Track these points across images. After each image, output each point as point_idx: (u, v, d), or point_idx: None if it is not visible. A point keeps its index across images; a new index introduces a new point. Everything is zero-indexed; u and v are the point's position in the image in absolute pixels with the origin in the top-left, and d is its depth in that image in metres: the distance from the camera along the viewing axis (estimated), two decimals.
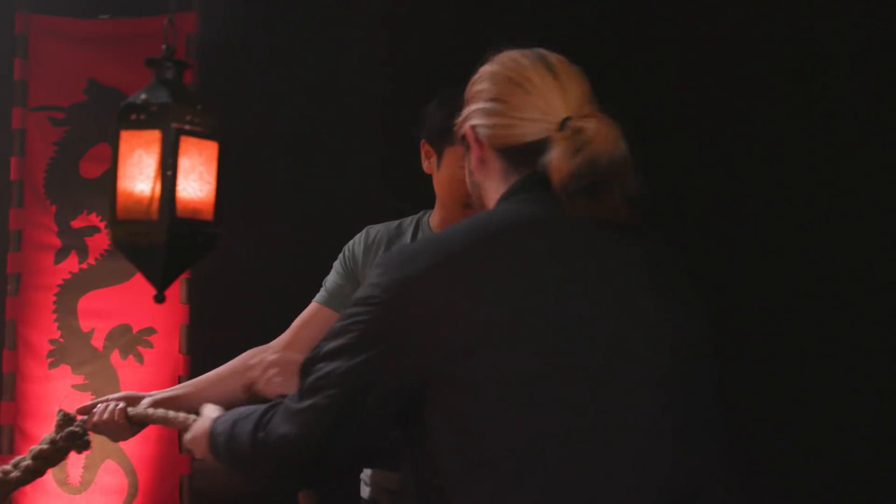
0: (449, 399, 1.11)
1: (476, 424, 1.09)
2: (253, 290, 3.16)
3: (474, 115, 1.27)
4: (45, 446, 1.70)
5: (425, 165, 1.95)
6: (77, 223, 2.97)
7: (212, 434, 1.37)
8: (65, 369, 2.93)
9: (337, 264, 2.05)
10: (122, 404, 1.77)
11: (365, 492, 1.99)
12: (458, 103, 1.58)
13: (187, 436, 1.52)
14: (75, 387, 2.92)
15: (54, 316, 2.96)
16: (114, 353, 2.96)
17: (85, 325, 2.95)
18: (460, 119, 1.32)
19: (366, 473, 1.99)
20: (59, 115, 2.98)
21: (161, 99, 1.87)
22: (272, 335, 3.01)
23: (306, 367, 1.21)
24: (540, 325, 1.11)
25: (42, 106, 2.98)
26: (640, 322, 1.15)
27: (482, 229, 1.18)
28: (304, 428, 1.17)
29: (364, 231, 2.04)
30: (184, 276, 2.97)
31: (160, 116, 1.83)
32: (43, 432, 2.82)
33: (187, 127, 1.82)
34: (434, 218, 1.97)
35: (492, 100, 1.25)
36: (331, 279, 2.03)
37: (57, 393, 2.91)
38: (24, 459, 1.70)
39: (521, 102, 1.23)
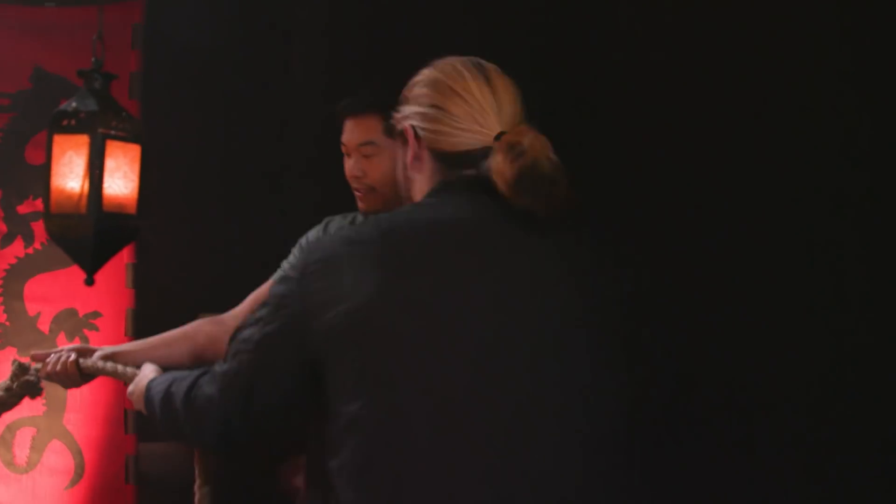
0: (337, 368, 1.24)
1: (362, 393, 1.21)
2: (196, 275, 3.23)
3: (414, 117, 1.38)
4: (0, 392, 1.78)
5: None
6: (23, 208, 3.00)
7: (148, 392, 1.51)
8: (10, 352, 2.95)
9: (296, 249, 2.15)
10: (73, 356, 1.85)
11: None
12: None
13: (129, 388, 1.66)
14: None
15: (0, 300, 2.98)
16: (60, 336, 2.99)
17: (31, 308, 2.99)
18: (399, 115, 1.42)
19: None
20: (4, 102, 3.00)
21: (89, 107, 2.04)
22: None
23: (235, 333, 1.36)
24: (425, 308, 1.23)
25: None
26: (529, 308, 1.26)
27: (387, 220, 1.32)
28: (225, 389, 1.32)
29: (324, 221, 2.17)
30: (129, 261, 3.02)
31: (88, 123, 1.99)
32: None
33: (112, 132, 1.98)
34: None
35: (433, 106, 1.36)
36: (290, 262, 2.14)
37: (3, 375, 2.93)
38: None
39: (460, 113, 1.34)
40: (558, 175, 1.27)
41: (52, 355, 1.84)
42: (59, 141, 2.02)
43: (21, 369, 1.84)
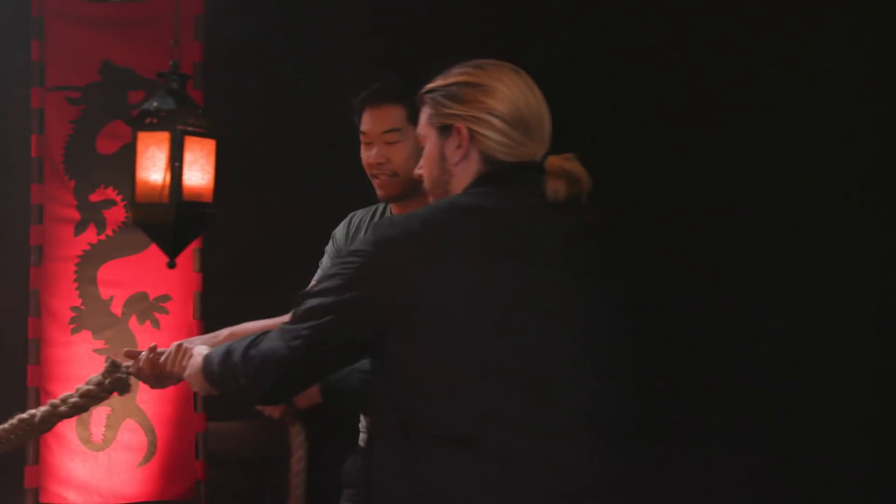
0: (412, 338, 1.37)
1: (433, 357, 1.36)
2: (260, 260, 3.32)
3: (472, 120, 1.48)
4: (91, 387, 1.88)
5: None
6: (95, 197, 3.11)
7: (206, 361, 1.61)
8: (86, 334, 3.09)
9: (328, 248, 2.28)
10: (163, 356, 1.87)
11: (361, 438, 2.17)
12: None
13: (185, 373, 1.73)
14: (96, 351, 3.08)
15: (75, 285, 3.10)
16: (132, 319, 3.11)
17: (104, 292, 3.11)
18: (448, 111, 1.50)
19: (364, 421, 2.16)
20: (75, 95, 3.11)
21: (169, 106, 2.24)
22: (278, 301, 3.17)
23: (300, 298, 1.47)
24: (481, 286, 1.37)
25: (59, 86, 3.10)
26: (576, 304, 1.43)
27: (456, 205, 1.45)
28: (292, 342, 1.43)
29: (348, 217, 2.28)
30: (196, 247, 3.12)
31: (168, 120, 2.19)
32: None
33: (190, 128, 2.18)
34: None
35: (503, 120, 1.47)
36: (325, 261, 2.26)
37: (79, 357, 3.08)
38: (71, 396, 1.90)
39: (526, 132, 1.49)
40: (589, 191, 1.48)
41: (144, 353, 1.88)
42: (143, 137, 2.25)
43: (113, 367, 1.89)
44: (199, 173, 2.24)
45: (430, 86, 1.56)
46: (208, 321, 3.13)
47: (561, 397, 1.38)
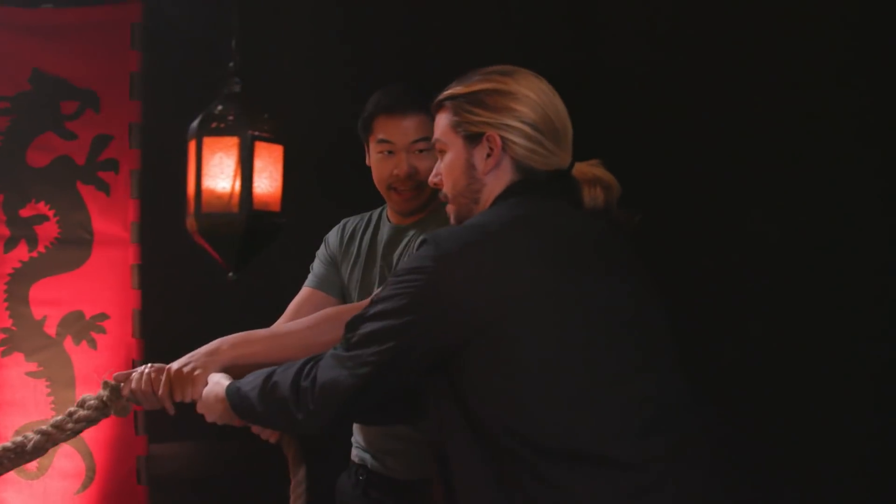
0: (487, 355, 1.32)
1: (514, 372, 1.31)
2: (202, 275, 3.21)
3: (505, 129, 1.47)
4: (89, 412, 1.77)
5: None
6: (25, 212, 2.97)
7: (235, 393, 1.54)
8: (18, 357, 2.94)
9: (319, 253, 2.18)
10: (156, 375, 1.77)
11: (354, 454, 2.11)
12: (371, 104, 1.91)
13: (199, 402, 1.67)
14: (29, 374, 2.94)
15: (5, 304, 2.96)
16: (67, 340, 2.98)
17: (37, 312, 2.97)
18: (478, 118, 1.48)
19: (356, 438, 2.09)
20: (3, 105, 2.96)
21: (236, 109, 2.13)
22: (221, 318, 3.07)
23: (354, 324, 1.42)
24: (555, 294, 1.35)
25: None
26: (629, 298, 1.44)
27: (508, 217, 1.43)
28: (356, 370, 1.38)
29: (341, 223, 2.19)
30: (135, 263, 3.01)
31: (237, 125, 2.09)
32: None
33: (259, 133, 2.08)
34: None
35: (527, 124, 1.47)
36: (317, 266, 2.16)
37: (10, 381, 2.93)
38: (66, 422, 1.78)
39: (556, 140, 1.49)
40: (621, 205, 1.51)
41: (135, 374, 1.77)
42: (209, 143, 2.14)
43: (114, 392, 1.77)
44: (267, 181, 2.16)
45: (449, 92, 1.53)
46: (148, 340, 3.03)
47: (646, 399, 1.36)
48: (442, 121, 1.54)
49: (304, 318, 1.90)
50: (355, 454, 2.11)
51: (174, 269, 3.17)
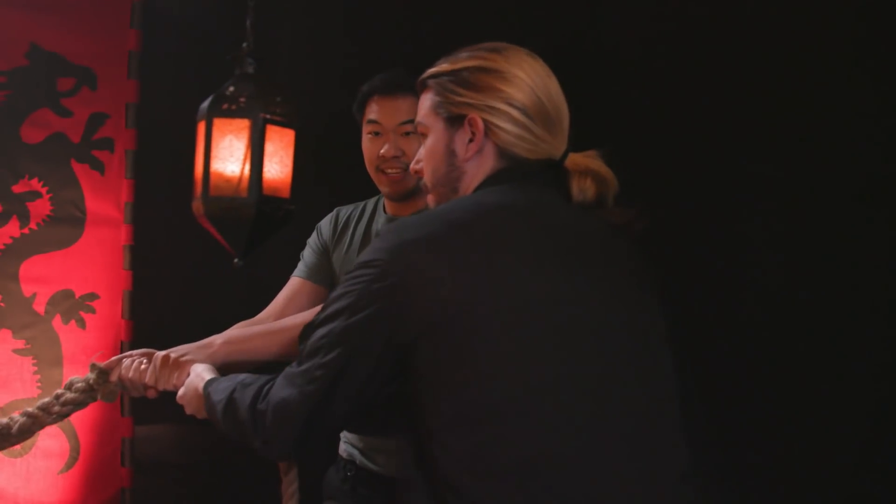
0: (442, 355, 1.17)
1: (468, 379, 1.16)
2: (194, 258, 3.20)
3: (495, 114, 1.32)
4: (76, 394, 1.72)
5: None
6: (18, 188, 2.93)
7: (207, 397, 1.43)
8: (5, 333, 2.91)
9: (311, 241, 2.15)
10: (146, 362, 1.73)
11: (342, 449, 2.09)
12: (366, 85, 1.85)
13: (179, 392, 1.59)
14: (16, 351, 2.91)
15: None
16: (55, 318, 2.95)
17: (27, 289, 2.94)
18: (459, 99, 1.34)
19: (345, 433, 2.07)
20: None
21: (249, 91, 2.09)
22: (212, 301, 3.06)
23: (305, 333, 1.28)
24: (529, 291, 1.19)
25: None
26: (611, 298, 1.27)
27: (477, 206, 1.27)
28: (305, 387, 1.23)
29: (335, 211, 2.16)
30: (126, 243, 2.99)
31: (249, 107, 2.04)
32: None
33: (271, 116, 2.03)
34: None
35: (522, 111, 1.32)
36: (307, 255, 2.13)
37: None
38: (53, 405, 1.74)
39: (547, 126, 1.34)
40: (615, 191, 1.36)
41: (125, 360, 1.73)
42: (219, 125, 2.08)
43: (102, 375, 1.72)
44: (278, 166, 2.11)
45: (434, 70, 1.38)
46: (137, 321, 3.01)
47: (619, 419, 1.19)
48: (424, 101, 1.39)
49: (300, 314, 1.85)
50: (343, 449, 2.09)
51: (166, 251, 3.16)
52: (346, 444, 2.08)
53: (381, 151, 1.99)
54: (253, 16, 2.23)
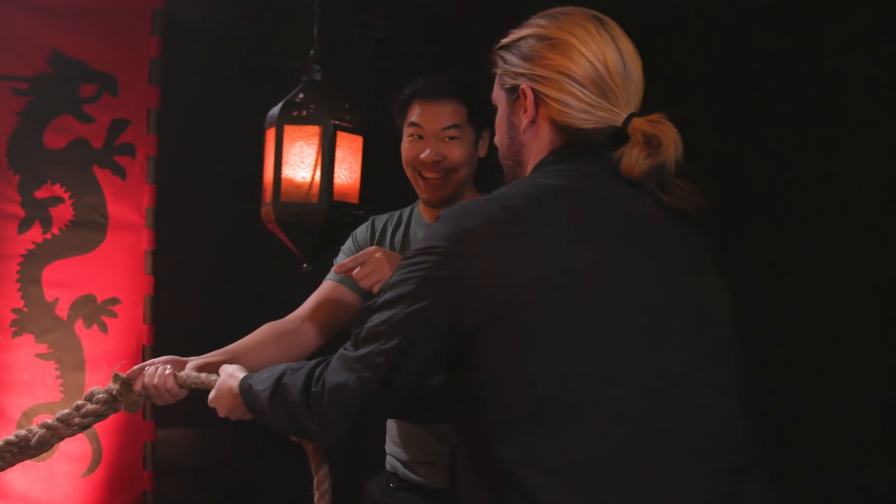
0: (505, 345, 1.15)
1: (532, 370, 1.14)
2: (214, 262, 3.21)
3: (538, 80, 1.29)
4: (98, 406, 1.69)
5: None
6: (41, 193, 2.96)
7: (247, 390, 1.42)
8: (28, 338, 2.94)
9: (345, 248, 2.15)
10: (169, 368, 1.71)
11: (386, 461, 2.09)
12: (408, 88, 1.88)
13: (210, 394, 1.57)
14: (39, 356, 2.93)
15: (17, 286, 2.95)
16: (77, 323, 2.97)
17: (49, 294, 2.96)
18: (511, 69, 1.33)
19: (391, 445, 2.07)
20: (21, 86, 2.95)
21: (318, 98, 2.12)
22: (233, 306, 3.06)
23: (362, 317, 1.26)
24: (592, 279, 1.17)
25: (4, 76, 2.94)
26: (675, 285, 1.23)
27: (537, 189, 1.24)
28: (363, 373, 1.22)
29: (370, 220, 2.17)
30: (148, 248, 3.00)
31: (319, 114, 2.07)
32: (5, 401, 2.87)
33: (340, 122, 2.06)
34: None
35: (562, 73, 1.27)
36: (340, 260, 2.12)
37: (20, 361, 2.92)
38: (73, 416, 1.70)
39: (604, 93, 1.28)
40: (682, 175, 1.26)
41: (148, 368, 1.71)
42: (290, 131, 2.11)
43: (125, 386, 1.69)
44: (347, 171, 2.14)
45: (504, 41, 1.36)
46: (159, 326, 3.02)
47: (682, 411, 1.17)
48: (496, 75, 1.38)
49: (253, 337, 1.88)
50: (387, 462, 2.10)
51: (187, 256, 3.17)
52: (390, 456, 2.08)
53: (422, 155, 1.98)
54: (319, 23, 2.24)
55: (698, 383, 1.21)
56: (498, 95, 1.38)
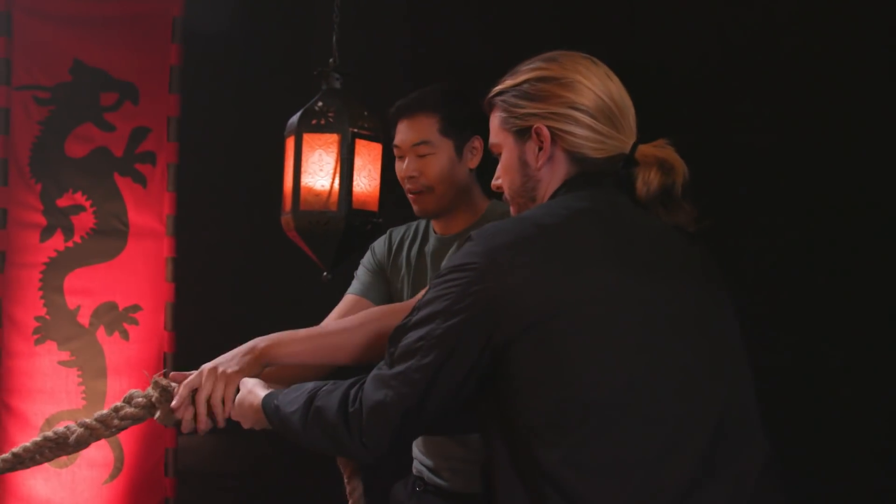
0: (540, 356, 1.20)
1: (569, 375, 1.19)
2: (235, 270, 3.22)
3: (560, 120, 1.36)
4: (137, 409, 1.65)
5: None
6: (63, 202, 2.98)
7: (275, 410, 1.43)
8: (51, 345, 2.96)
9: (365, 261, 2.14)
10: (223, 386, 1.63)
11: (413, 466, 2.08)
12: None
13: (233, 410, 1.57)
14: (61, 363, 2.96)
15: (40, 293, 2.97)
16: (99, 330, 2.99)
17: (71, 302, 2.98)
18: (524, 110, 1.39)
19: (417, 451, 2.07)
20: (43, 95, 2.98)
21: (337, 106, 2.13)
22: (253, 313, 3.07)
23: (397, 335, 1.30)
24: (620, 290, 1.24)
25: (26, 85, 2.97)
26: (689, 297, 1.31)
27: (565, 209, 1.31)
28: (401, 389, 1.26)
29: (388, 232, 2.16)
30: (169, 256, 3.01)
31: (338, 122, 2.08)
32: (28, 407, 2.89)
33: (359, 130, 2.07)
34: None
35: (587, 113, 1.36)
36: (361, 273, 2.12)
37: (42, 369, 2.94)
38: (112, 418, 1.67)
39: (612, 123, 1.37)
40: (687, 194, 1.36)
41: (194, 376, 1.64)
42: (309, 140, 2.12)
43: (164, 393, 1.65)
44: (366, 179, 2.15)
45: (497, 88, 1.44)
46: (180, 333, 3.03)
47: (706, 417, 1.23)
48: (494, 121, 1.44)
49: (347, 319, 1.80)
50: (413, 466, 2.09)
51: (208, 263, 3.18)
52: (416, 461, 2.08)
53: (401, 173, 2.00)
54: (338, 32, 2.25)
55: (720, 386, 1.27)
56: (502, 139, 1.43)
